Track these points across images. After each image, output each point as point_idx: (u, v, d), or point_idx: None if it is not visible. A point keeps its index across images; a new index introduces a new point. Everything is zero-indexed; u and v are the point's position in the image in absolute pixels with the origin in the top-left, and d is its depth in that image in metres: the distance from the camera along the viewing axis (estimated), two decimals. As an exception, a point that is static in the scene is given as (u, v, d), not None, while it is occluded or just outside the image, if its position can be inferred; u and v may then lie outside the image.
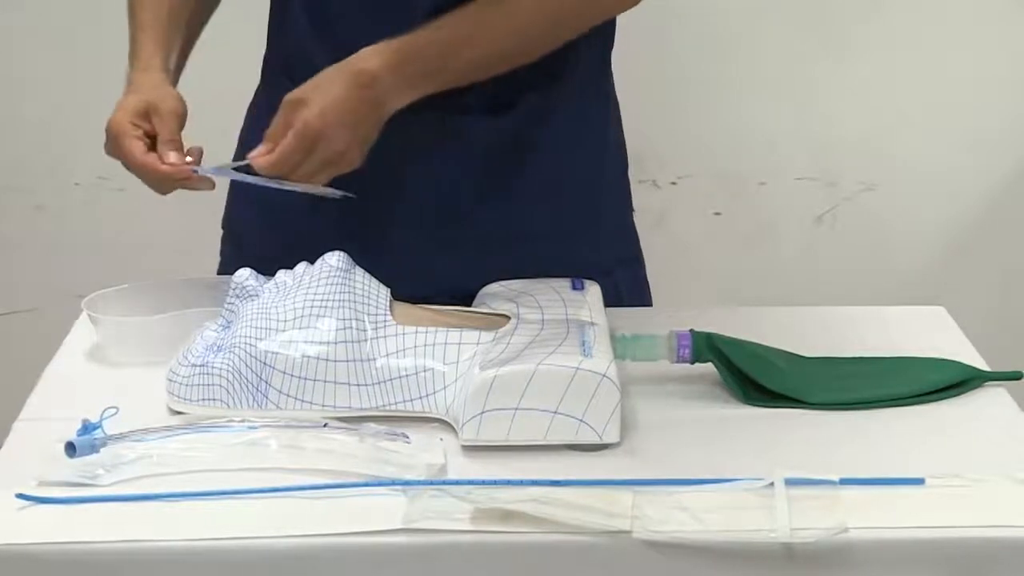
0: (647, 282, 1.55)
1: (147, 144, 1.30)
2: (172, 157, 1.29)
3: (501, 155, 1.40)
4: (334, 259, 1.24)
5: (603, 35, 1.43)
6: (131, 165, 1.30)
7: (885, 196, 2.51)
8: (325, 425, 1.12)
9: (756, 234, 2.51)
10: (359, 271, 1.24)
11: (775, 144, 2.48)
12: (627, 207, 1.53)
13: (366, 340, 1.18)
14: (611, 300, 1.37)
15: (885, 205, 2.51)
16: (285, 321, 1.18)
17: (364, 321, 1.19)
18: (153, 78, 1.33)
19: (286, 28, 1.43)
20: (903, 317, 1.44)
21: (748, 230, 2.51)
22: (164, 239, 2.36)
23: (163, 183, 1.31)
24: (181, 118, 1.31)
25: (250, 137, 1.39)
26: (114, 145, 1.30)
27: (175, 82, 1.37)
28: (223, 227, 1.54)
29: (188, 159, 1.29)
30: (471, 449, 1.12)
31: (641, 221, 1.55)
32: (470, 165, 1.40)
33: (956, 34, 2.43)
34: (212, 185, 1.31)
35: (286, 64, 1.43)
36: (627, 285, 1.48)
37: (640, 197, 1.57)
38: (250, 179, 1.29)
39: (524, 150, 1.40)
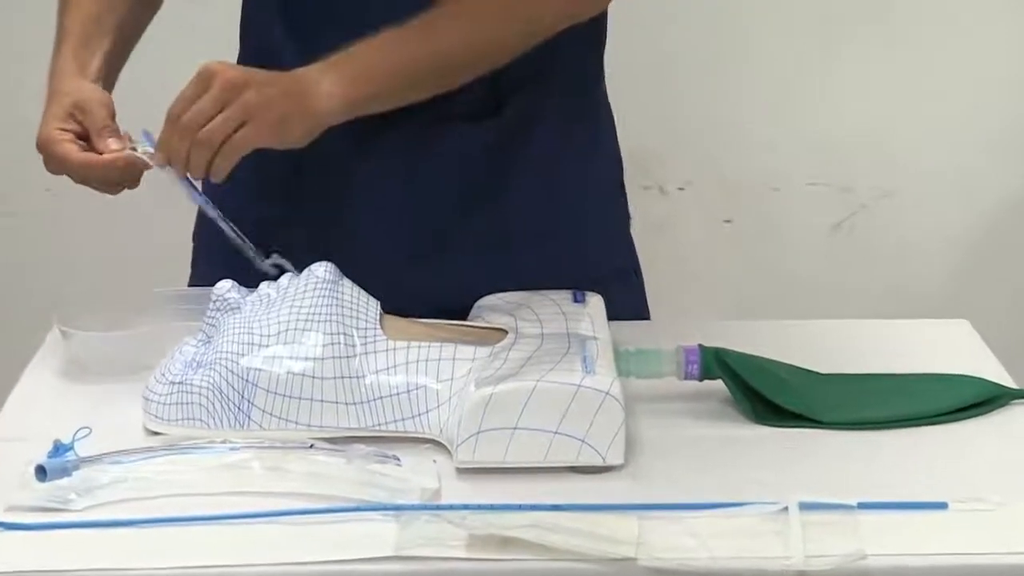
0: (644, 295, 1.55)
1: (81, 146, 1.30)
2: (112, 144, 1.29)
3: (483, 165, 1.40)
4: (321, 270, 1.24)
5: (590, 37, 1.44)
6: (71, 170, 1.30)
7: (904, 202, 2.51)
8: (311, 446, 1.12)
9: (768, 242, 2.52)
10: (347, 282, 1.24)
11: (787, 147, 2.48)
12: (622, 216, 1.53)
13: (355, 356, 1.18)
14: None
15: (904, 212, 2.51)
16: (269, 336, 1.18)
17: (353, 336, 1.19)
18: (70, 82, 1.34)
19: (259, 33, 1.44)
20: (924, 331, 1.44)
21: (759, 238, 2.51)
22: (141, 249, 2.36)
23: (108, 176, 1.30)
24: (109, 107, 1.32)
25: None
26: (48, 158, 1.30)
27: (106, 88, 1.37)
28: (193, 240, 1.54)
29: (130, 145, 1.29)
30: (466, 472, 1.12)
31: (646, 229, 1.55)
32: (451, 175, 1.40)
33: (975, 33, 2.44)
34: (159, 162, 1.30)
35: (253, 60, 1.41)
36: (621, 298, 1.48)
37: (645, 204, 1.58)
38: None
39: (507, 159, 1.40)
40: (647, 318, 1.53)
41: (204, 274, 1.43)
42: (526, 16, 1.34)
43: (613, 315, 1.39)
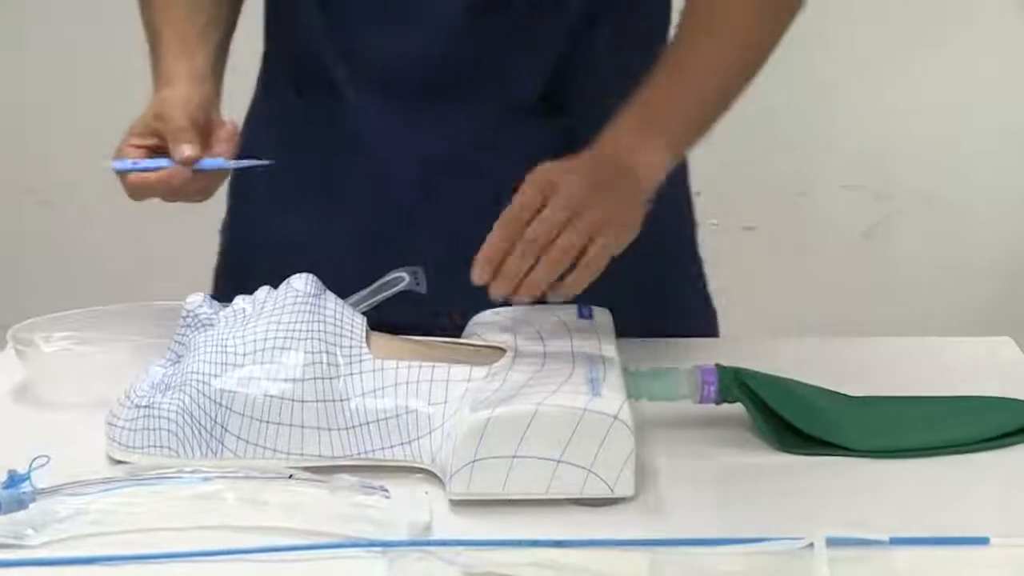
0: (713, 305, 1.59)
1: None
2: (187, 151, 1.31)
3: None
4: (301, 283, 1.24)
5: (662, 35, 1.48)
6: (128, 191, 1.32)
7: (944, 208, 2.52)
8: (291, 476, 1.13)
9: (794, 252, 2.52)
10: (330, 296, 1.25)
11: (816, 148, 2.49)
12: (690, 221, 1.57)
13: (338, 377, 1.18)
14: (678, 329, 1.42)
15: (944, 218, 2.52)
16: (244, 355, 1.18)
17: (336, 355, 1.19)
18: (160, 92, 1.36)
19: (295, 32, 1.46)
20: (964, 349, 1.45)
21: (785, 247, 2.52)
22: (103, 260, 2.37)
23: (175, 190, 1.32)
24: (189, 110, 1.33)
25: (255, 148, 1.41)
26: (122, 182, 1.33)
27: (214, 86, 1.39)
28: (225, 253, 1.58)
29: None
30: (461, 504, 1.13)
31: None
32: (513, 179, 1.42)
33: (1018, 28, 2.45)
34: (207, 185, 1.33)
35: (295, 73, 1.47)
36: (697, 309, 1.54)
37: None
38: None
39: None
40: (716, 333, 1.57)
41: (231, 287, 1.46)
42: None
43: (688, 331, 1.41)
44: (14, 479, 1.10)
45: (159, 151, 1.33)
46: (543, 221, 1.22)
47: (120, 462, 1.18)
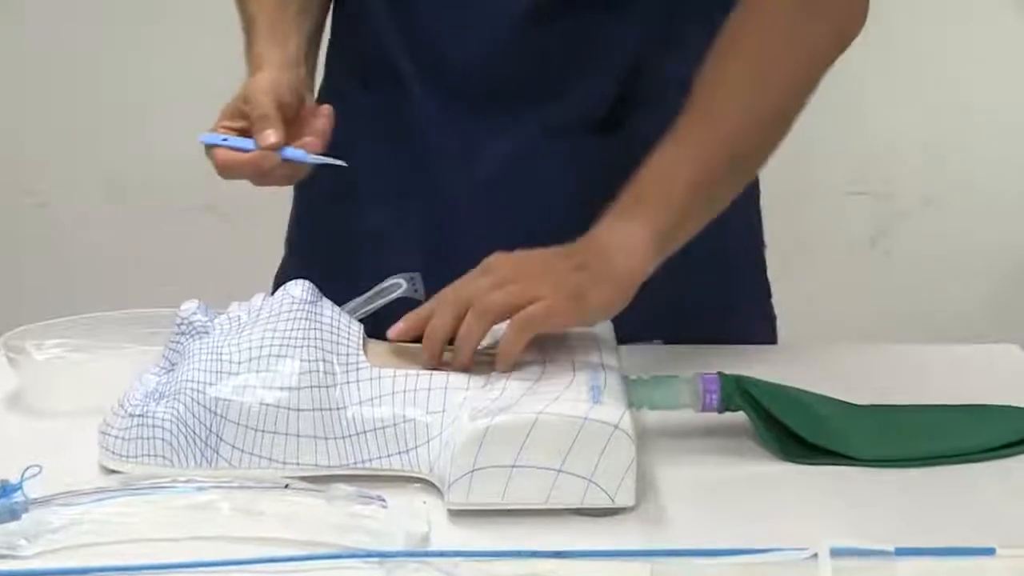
0: (775, 320, 1.60)
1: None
2: (271, 137, 1.30)
3: (601, 179, 1.41)
4: (297, 289, 1.24)
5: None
6: (219, 170, 1.33)
7: (948, 212, 2.52)
8: (287, 486, 1.12)
9: (795, 258, 2.52)
10: (327, 303, 1.24)
11: (818, 151, 2.49)
12: (761, 237, 1.58)
13: (335, 385, 1.18)
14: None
15: (948, 223, 2.52)
16: (239, 363, 1.18)
17: (333, 363, 1.19)
18: (251, 77, 1.36)
19: (361, 24, 1.48)
20: (970, 356, 1.45)
21: (786, 253, 2.51)
22: (101, 263, 2.37)
23: (264, 173, 1.32)
24: (277, 94, 1.33)
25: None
26: (210, 158, 1.33)
27: (308, 72, 1.41)
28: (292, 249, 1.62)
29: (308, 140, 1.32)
30: (459, 514, 1.12)
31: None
32: (571, 192, 1.42)
33: (1019, 28, 2.45)
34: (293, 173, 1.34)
35: (360, 65, 1.50)
36: (759, 325, 1.54)
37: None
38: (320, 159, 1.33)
39: (634, 173, 1.42)
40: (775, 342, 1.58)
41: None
42: (801, 58, 1.33)
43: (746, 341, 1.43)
44: (6, 489, 1.09)
45: (247, 134, 1.33)
46: (472, 284, 1.24)
47: (114, 472, 1.18)
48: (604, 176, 1.39)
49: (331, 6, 1.53)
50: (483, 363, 1.24)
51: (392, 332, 1.23)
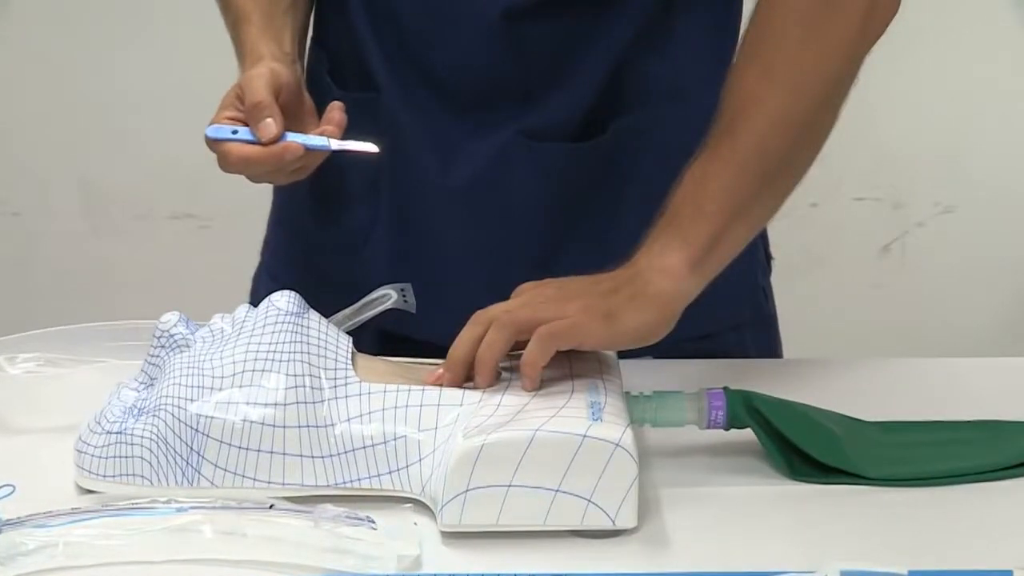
0: (779, 338, 1.60)
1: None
2: (272, 128, 1.31)
3: (580, 184, 1.42)
4: (283, 301, 1.24)
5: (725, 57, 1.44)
6: (230, 165, 1.33)
7: (965, 220, 2.52)
8: (271, 507, 1.13)
9: (805, 267, 2.52)
10: (314, 315, 1.25)
11: (830, 156, 2.49)
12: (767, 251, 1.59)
13: (323, 401, 1.18)
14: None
15: (965, 232, 2.52)
16: (222, 378, 1.19)
17: (320, 378, 1.19)
18: (248, 71, 1.37)
19: (338, 18, 1.49)
20: (986, 370, 1.45)
21: (795, 262, 2.52)
22: (72, 275, 2.37)
23: (279, 166, 1.33)
24: (272, 81, 1.34)
25: None
26: (216, 154, 1.34)
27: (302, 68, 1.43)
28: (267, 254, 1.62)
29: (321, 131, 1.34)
30: (453, 536, 1.13)
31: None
32: (548, 199, 1.42)
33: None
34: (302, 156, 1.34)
35: (336, 62, 1.51)
36: (756, 343, 1.55)
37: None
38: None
39: (609, 182, 1.42)
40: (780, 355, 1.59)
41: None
42: (823, 55, 1.32)
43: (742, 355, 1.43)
44: (-23, 510, 1.10)
45: (244, 125, 1.34)
46: (501, 308, 1.24)
47: (90, 492, 1.18)
48: (581, 182, 1.40)
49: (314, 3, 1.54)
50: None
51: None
